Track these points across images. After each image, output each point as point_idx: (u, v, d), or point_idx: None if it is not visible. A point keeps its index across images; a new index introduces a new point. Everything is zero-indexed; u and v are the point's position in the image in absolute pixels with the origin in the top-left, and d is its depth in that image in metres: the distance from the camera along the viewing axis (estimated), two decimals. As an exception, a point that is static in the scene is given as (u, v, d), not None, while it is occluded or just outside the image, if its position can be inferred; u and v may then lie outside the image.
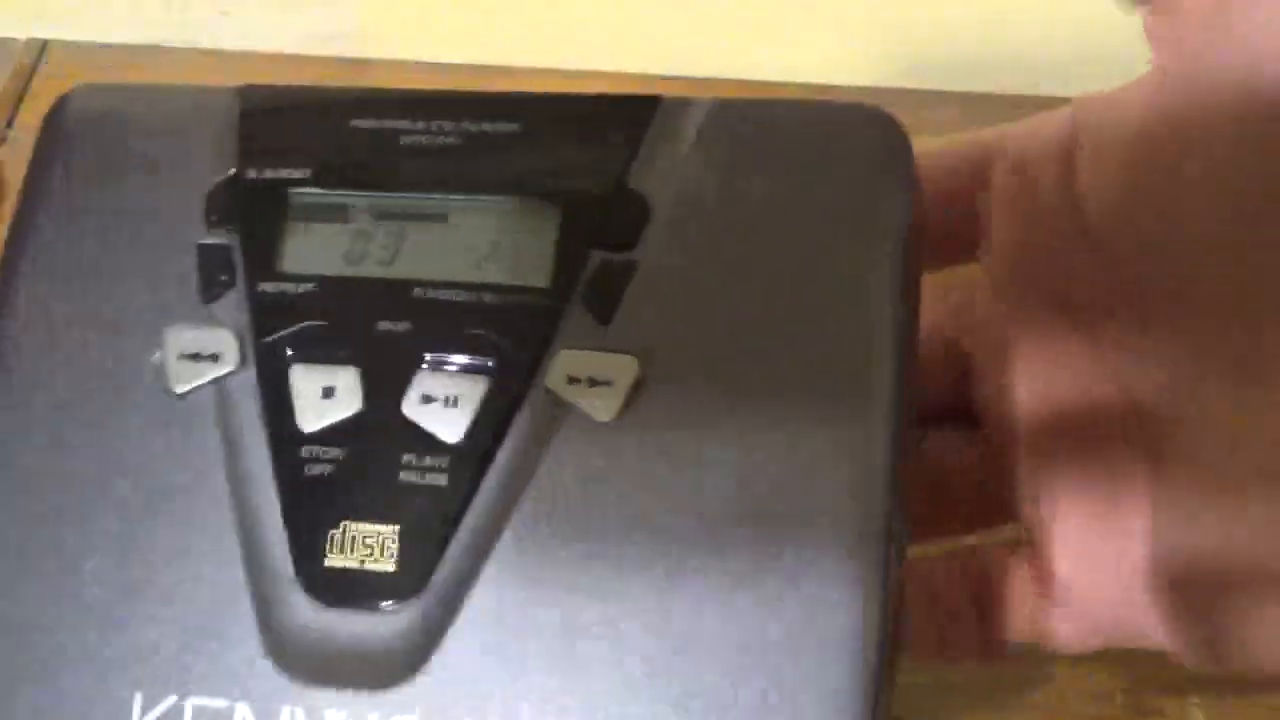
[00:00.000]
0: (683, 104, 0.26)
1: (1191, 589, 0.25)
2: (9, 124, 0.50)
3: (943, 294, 0.28)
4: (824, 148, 0.25)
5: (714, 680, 0.22)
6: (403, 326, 0.25)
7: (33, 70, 0.52)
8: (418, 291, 0.25)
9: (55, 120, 0.27)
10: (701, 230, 0.25)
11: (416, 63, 0.53)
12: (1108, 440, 0.26)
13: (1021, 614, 0.28)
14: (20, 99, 0.51)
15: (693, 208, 0.25)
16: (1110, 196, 0.25)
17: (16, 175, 0.31)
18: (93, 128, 0.27)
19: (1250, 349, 0.23)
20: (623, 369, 0.24)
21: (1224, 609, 0.25)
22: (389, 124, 0.26)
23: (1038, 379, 0.27)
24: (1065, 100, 0.27)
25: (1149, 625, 0.26)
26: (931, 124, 0.50)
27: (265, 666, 0.23)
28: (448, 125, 0.26)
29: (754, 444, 0.23)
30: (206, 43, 0.53)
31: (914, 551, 0.24)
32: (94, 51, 0.52)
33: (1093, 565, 0.26)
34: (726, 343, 0.24)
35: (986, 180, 0.27)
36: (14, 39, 0.53)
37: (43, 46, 0.53)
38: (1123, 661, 0.38)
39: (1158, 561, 0.25)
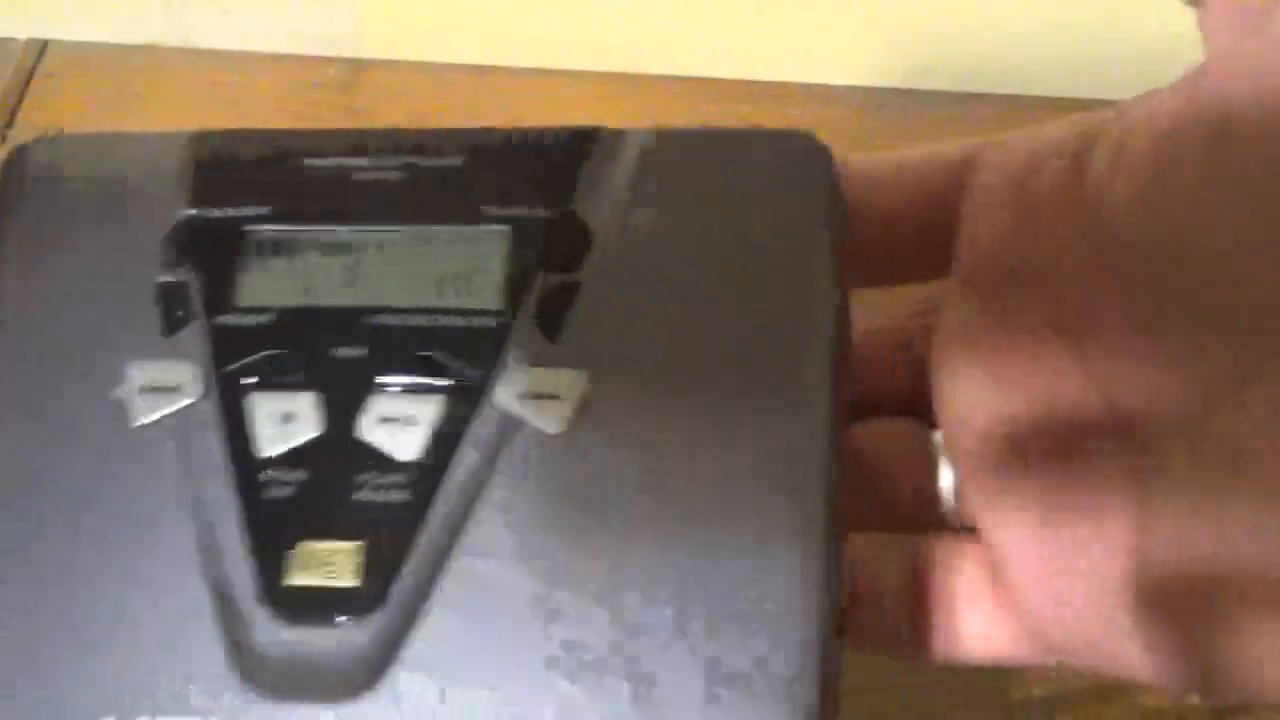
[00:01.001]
0: (620, 135, 0.28)
1: (1181, 611, 0.24)
2: (9, 124, 0.50)
3: (909, 297, 0.29)
4: (753, 174, 0.27)
5: (670, 676, 0.23)
6: (358, 351, 0.26)
7: (33, 70, 0.52)
8: (373, 318, 0.26)
9: (13, 171, 0.29)
10: (640, 253, 0.26)
11: (415, 63, 0.53)
12: (1087, 453, 0.25)
13: (969, 618, 0.27)
14: (20, 99, 0.51)
15: (631, 232, 0.27)
16: (1132, 196, 0.24)
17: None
18: (50, 177, 0.29)
19: (1271, 357, 0.23)
20: (571, 383, 0.25)
21: (1219, 631, 0.24)
22: (340, 162, 0.28)
23: (1013, 387, 0.26)
24: (1066, 101, 0.27)
25: (1125, 651, 0.25)
26: (931, 124, 0.51)
27: (234, 684, 0.23)
28: (395, 161, 0.28)
29: (696, 449, 0.25)
30: (206, 43, 0.53)
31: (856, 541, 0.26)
32: (94, 51, 0.53)
33: (1061, 583, 0.25)
34: (667, 356, 0.25)
35: (960, 189, 0.27)
36: (14, 39, 0.53)
37: (43, 46, 0.53)
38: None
39: (1143, 582, 0.24)
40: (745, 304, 0.26)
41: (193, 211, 0.28)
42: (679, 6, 0.51)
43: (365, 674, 0.24)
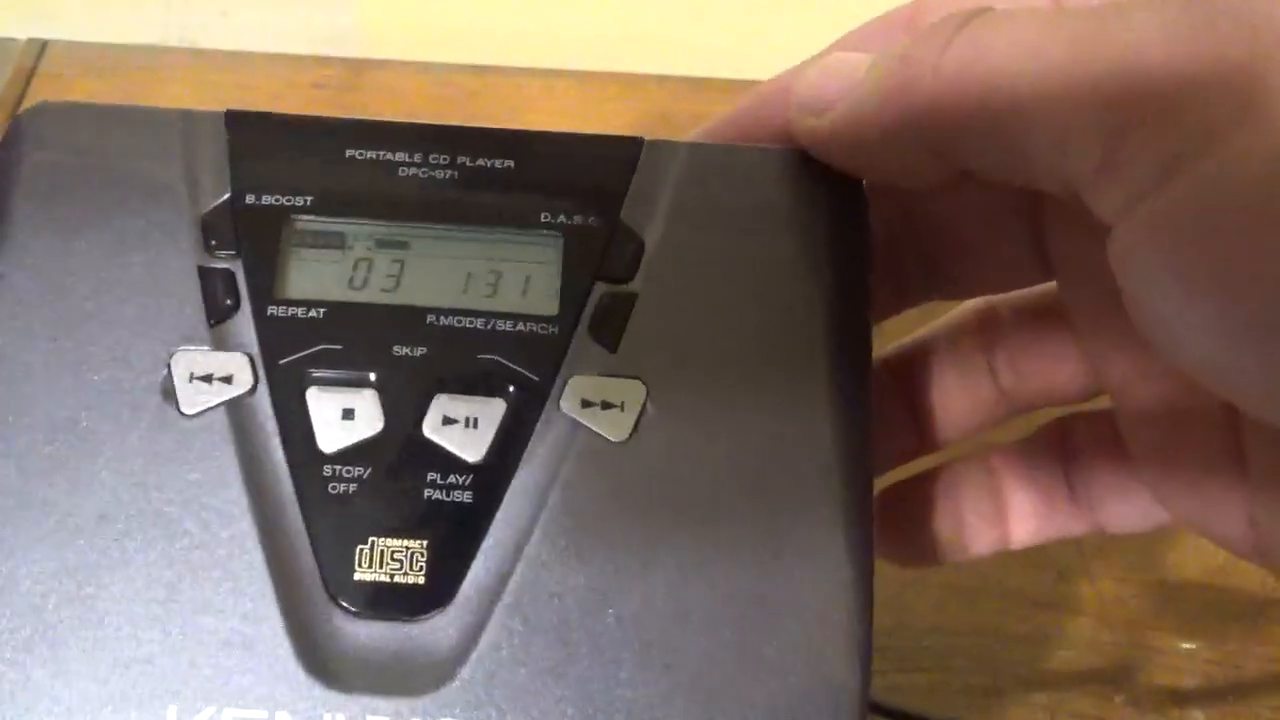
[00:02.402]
0: (663, 146, 0.28)
1: None
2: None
3: None
4: (791, 189, 0.28)
5: (731, 672, 0.24)
6: (419, 351, 0.26)
7: (33, 70, 0.52)
8: (430, 318, 0.26)
9: (17, 140, 0.28)
10: (689, 265, 0.27)
11: (415, 63, 0.53)
12: None
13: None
14: (20, 99, 0.51)
15: (679, 243, 0.27)
16: None
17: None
18: (64, 145, 0.28)
19: None
20: (632, 392, 0.26)
21: None
22: (385, 155, 0.28)
23: None
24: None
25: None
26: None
27: (301, 677, 0.24)
28: (444, 159, 0.28)
29: (750, 455, 0.25)
30: (206, 43, 0.53)
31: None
32: (94, 51, 0.53)
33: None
34: (719, 365, 0.26)
35: None
36: (14, 39, 0.53)
37: (43, 46, 0.53)
38: (1123, 663, 0.38)
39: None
40: (788, 318, 0.27)
41: (232, 195, 0.27)
42: (679, 6, 0.51)
43: (433, 671, 0.24)
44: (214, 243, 0.27)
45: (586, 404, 0.26)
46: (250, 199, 0.27)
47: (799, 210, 0.27)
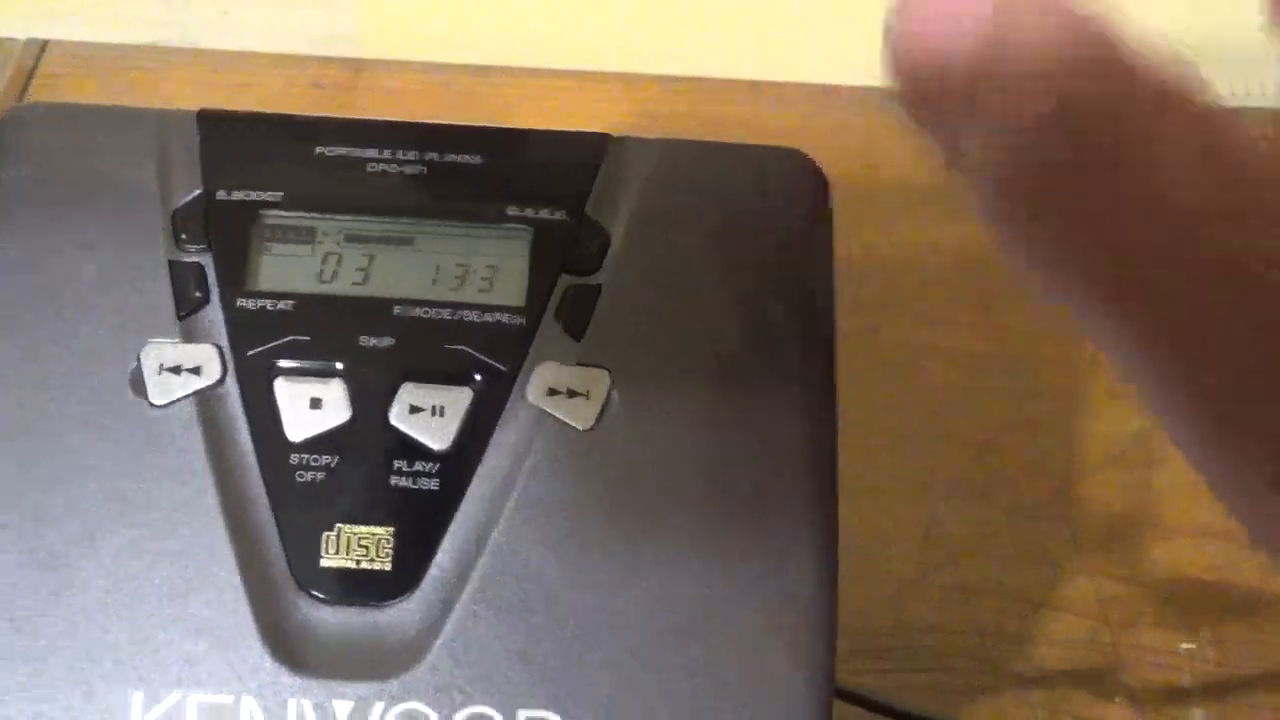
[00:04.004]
0: (627, 142, 0.29)
1: None
2: (9, 124, 0.50)
3: None
4: (753, 186, 0.28)
5: (694, 654, 0.24)
6: (385, 342, 0.26)
7: (33, 70, 0.52)
8: (397, 309, 0.27)
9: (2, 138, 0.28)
10: (653, 259, 0.28)
11: (415, 63, 0.53)
12: None
13: None
14: (20, 99, 0.51)
15: (644, 238, 0.28)
16: None
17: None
18: (41, 146, 0.28)
19: None
20: (597, 381, 0.26)
21: None
22: (354, 152, 0.28)
23: None
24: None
25: None
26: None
27: (268, 663, 0.24)
28: (412, 154, 0.28)
29: (714, 443, 0.26)
30: (206, 43, 0.53)
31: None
32: (94, 51, 0.53)
33: None
34: (682, 355, 0.27)
35: None
36: (14, 39, 0.53)
37: (43, 46, 0.53)
38: (1122, 662, 0.38)
39: None
40: (750, 306, 0.27)
41: (203, 191, 0.28)
42: (679, 6, 0.51)
43: (399, 655, 0.24)
44: (184, 237, 0.27)
45: (553, 392, 0.26)
46: (221, 194, 0.27)
47: (763, 205, 0.28)
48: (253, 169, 0.28)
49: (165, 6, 0.52)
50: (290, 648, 0.24)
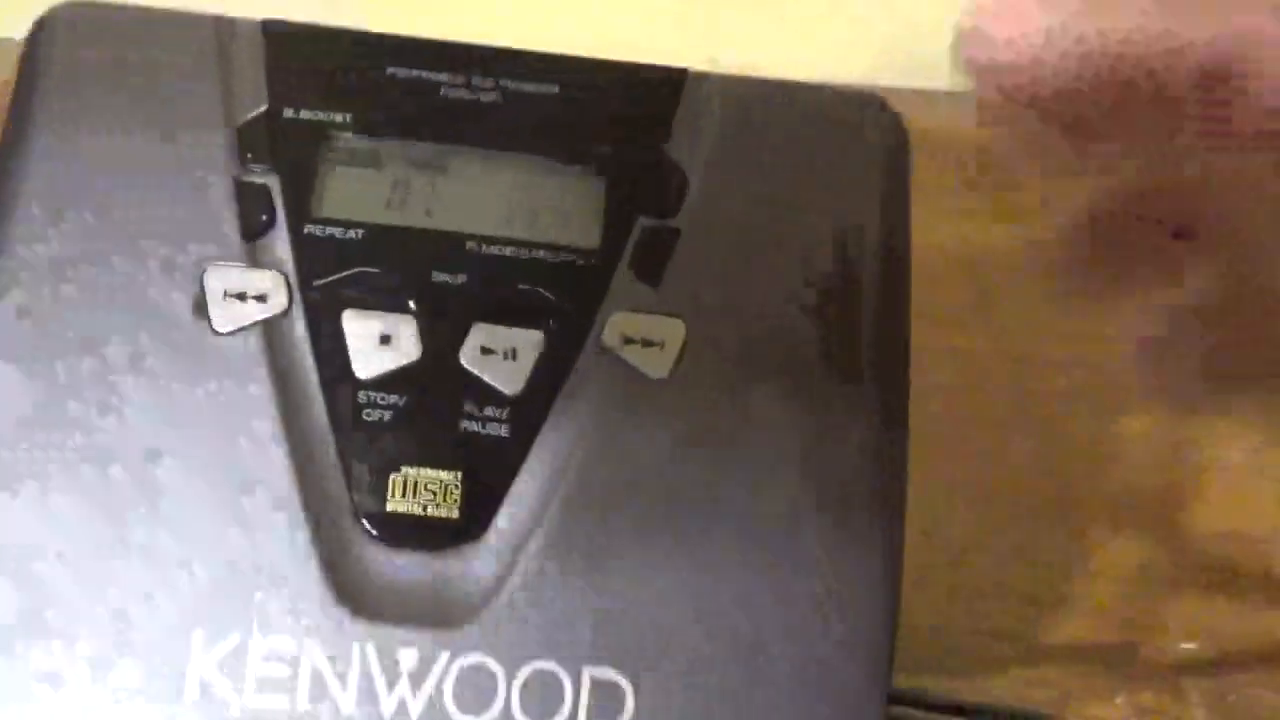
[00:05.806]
0: (707, 79, 0.27)
1: None
2: (9, 124, 0.50)
3: None
4: (832, 129, 0.27)
5: (760, 616, 0.24)
6: (458, 279, 0.25)
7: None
8: (470, 245, 0.26)
9: (43, 40, 0.26)
10: (732, 202, 0.26)
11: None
12: None
13: None
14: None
15: (723, 180, 0.26)
16: None
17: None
18: (88, 49, 0.26)
19: None
20: (673, 330, 0.25)
21: None
22: (427, 75, 0.27)
23: None
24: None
25: None
26: (933, 123, 0.51)
27: (331, 606, 0.23)
28: (487, 81, 0.27)
29: (789, 401, 0.25)
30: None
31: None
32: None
33: None
34: (759, 305, 0.26)
35: None
36: (14, 39, 0.53)
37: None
38: (1123, 662, 0.38)
39: None
40: (830, 259, 0.26)
41: (269, 108, 0.26)
42: (679, 6, 0.51)
43: (463, 604, 0.24)
44: (249, 155, 0.26)
45: (628, 340, 0.25)
46: (289, 113, 0.26)
47: (844, 152, 0.27)
48: (320, 87, 0.27)
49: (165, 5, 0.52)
50: (354, 592, 0.23)
